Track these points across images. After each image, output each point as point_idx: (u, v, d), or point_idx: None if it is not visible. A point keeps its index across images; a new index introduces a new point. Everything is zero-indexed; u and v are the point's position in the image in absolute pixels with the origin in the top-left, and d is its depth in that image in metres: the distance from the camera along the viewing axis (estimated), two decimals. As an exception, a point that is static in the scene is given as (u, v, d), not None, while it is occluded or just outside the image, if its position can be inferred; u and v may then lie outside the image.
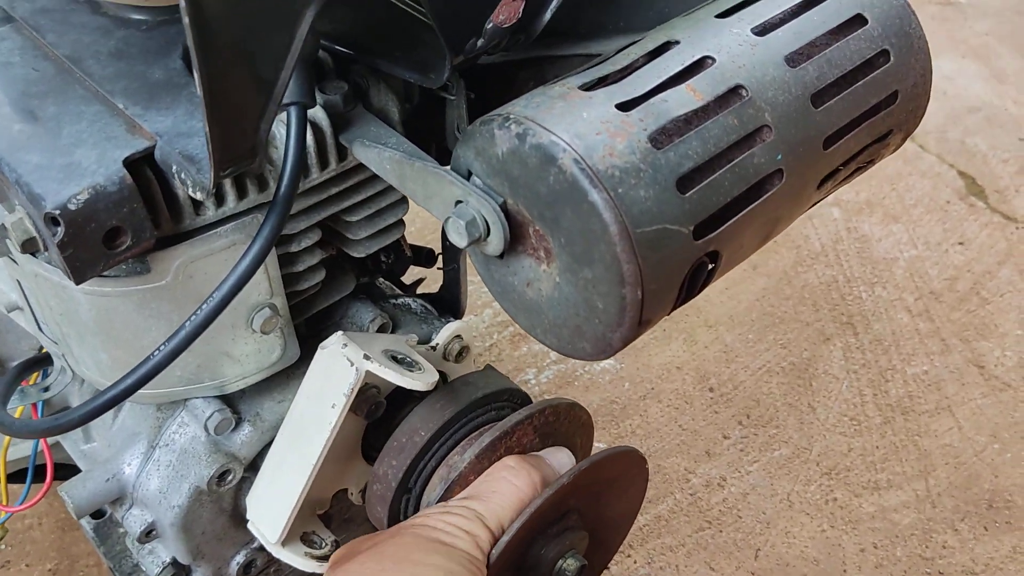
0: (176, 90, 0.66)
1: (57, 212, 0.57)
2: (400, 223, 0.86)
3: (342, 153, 0.73)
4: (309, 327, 0.87)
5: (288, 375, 0.85)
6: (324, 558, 0.83)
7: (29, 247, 0.60)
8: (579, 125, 0.53)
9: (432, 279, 1.03)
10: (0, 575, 1.23)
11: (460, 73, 0.75)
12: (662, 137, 0.54)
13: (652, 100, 0.55)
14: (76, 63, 0.68)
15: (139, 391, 0.63)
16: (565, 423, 0.82)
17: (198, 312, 0.61)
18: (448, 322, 0.99)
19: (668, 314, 0.59)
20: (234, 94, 0.49)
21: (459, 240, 0.59)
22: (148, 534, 0.84)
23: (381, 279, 1.02)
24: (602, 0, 0.77)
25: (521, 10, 0.67)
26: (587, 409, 0.84)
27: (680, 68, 0.58)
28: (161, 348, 0.62)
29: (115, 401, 0.62)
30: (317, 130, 0.70)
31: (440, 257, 1.08)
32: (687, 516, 1.35)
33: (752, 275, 1.80)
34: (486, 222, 0.58)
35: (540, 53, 0.77)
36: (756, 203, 0.57)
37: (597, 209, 0.51)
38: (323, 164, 0.72)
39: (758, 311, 1.75)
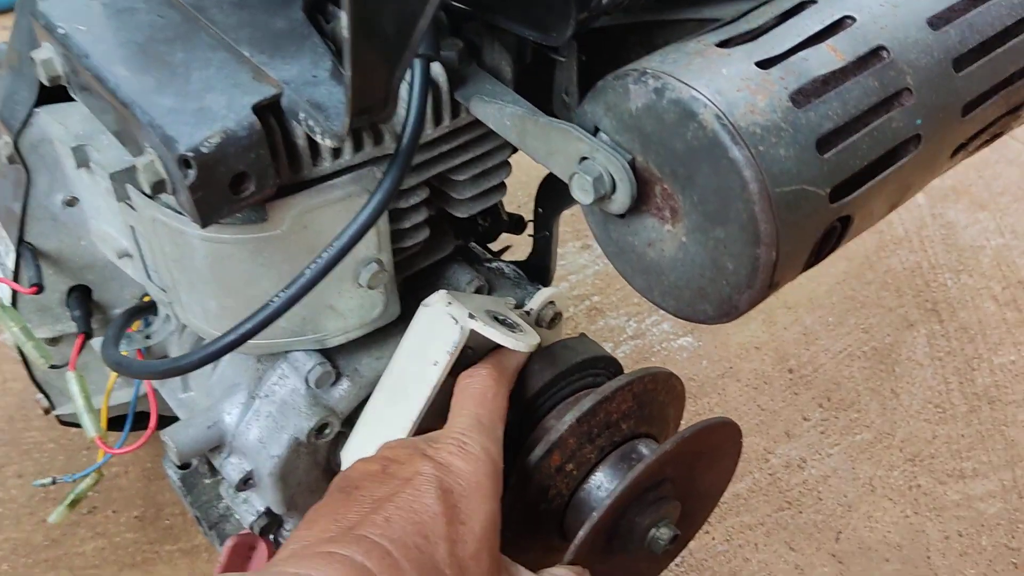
0: (300, 40, 0.66)
1: (191, 155, 0.57)
2: (502, 186, 0.86)
3: (455, 110, 0.73)
4: (406, 287, 0.87)
5: (385, 333, 0.85)
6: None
7: (158, 189, 0.60)
8: (719, 81, 0.52)
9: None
10: (88, 520, 1.26)
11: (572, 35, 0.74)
12: (802, 96, 0.53)
13: (792, 59, 0.54)
14: (200, 11, 0.69)
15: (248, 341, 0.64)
16: (662, 392, 0.81)
17: (318, 260, 0.62)
18: (540, 288, 0.99)
19: (793, 279, 0.58)
20: (378, 40, 0.49)
21: (584, 197, 0.58)
22: (245, 482, 0.85)
23: (473, 243, 1.02)
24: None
25: (647, -33, 0.66)
26: (681, 380, 0.83)
27: (820, 27, 0.56)
28: (280, 295, 0.62)
29: (234, 345, 0.63)
30: (434, 85, 0.70)
31: (530, 224, 1.08)
32: (766, 496, 1.34)
33: (833, 258, 1.75)
34: (612, 179, 0.57)
35: (651, 17, 0.76)
36: (892, 168, 0.56)
37: (737, 166, 0.50)
38: (437, 120, 0.72)
39: (839, 295, 1.71)
